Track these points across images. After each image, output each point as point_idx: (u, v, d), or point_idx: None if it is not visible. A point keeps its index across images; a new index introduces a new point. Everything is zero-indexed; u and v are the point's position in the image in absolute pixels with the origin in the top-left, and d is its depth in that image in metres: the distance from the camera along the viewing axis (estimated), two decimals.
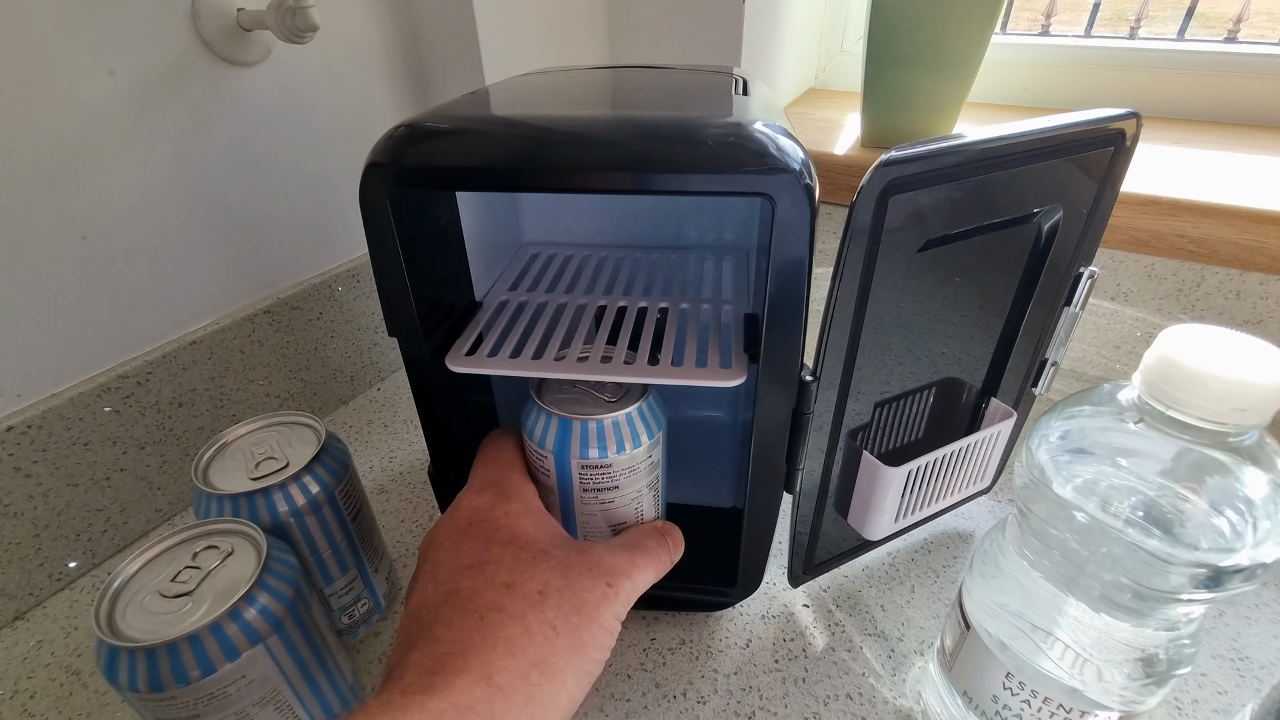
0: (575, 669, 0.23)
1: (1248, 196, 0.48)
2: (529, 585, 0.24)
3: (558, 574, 0.24)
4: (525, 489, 0.28)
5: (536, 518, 0.27)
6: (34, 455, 0.38)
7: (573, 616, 0.23)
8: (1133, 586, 0.22)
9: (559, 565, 0.25)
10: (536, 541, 0.26)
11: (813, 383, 0.28)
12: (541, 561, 0.25)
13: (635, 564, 0.27)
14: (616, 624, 0.25)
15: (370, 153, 0.25)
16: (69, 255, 0.38)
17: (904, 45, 0.55)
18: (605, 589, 0.25)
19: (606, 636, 0.25)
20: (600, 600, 0.25)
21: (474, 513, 0.27)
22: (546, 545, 0.26)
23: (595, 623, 0.24)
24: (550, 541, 0.26)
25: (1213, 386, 0.19)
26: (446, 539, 0.26)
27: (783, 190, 0.23)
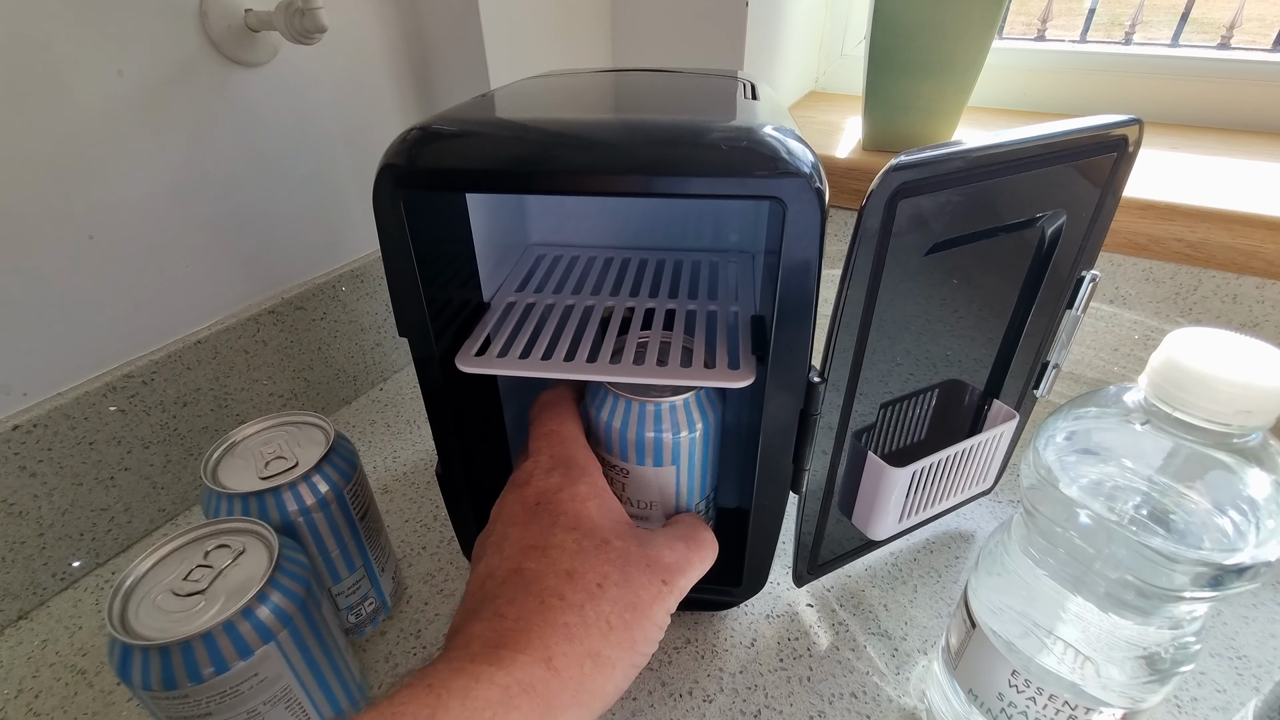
0: (624, 661, 0.24)
1: (1244, 201, 0.49)
2: (589, 576, 0.25)
3: (617, 568, 0.25)
4: (591, 468, 0.29)
5: (601, 500, 0.28)
6: (39, 454, 0.38)
7: (626, 613, 0.24)
8: (1137, 585, 0.22)
9: (619, 559, 0.26)
10: (599, 530, 0.26)
11: (820, 384, 0.29)
12: (602, 552, 0.26)
13: (690, 560, 0.28)
14: (666, 618, 0.26)
15: (384, 155, 0.26)
16: (75, 254, 0.38)
17: (905, 51, 0.55)
18: (660, 586, 0.26)
19: (656, 631, 0.26)
20: (654, 598, 0.25)
21: (543, 494, 0.28)
22: (608, 534, 0.26)
23: (647, 619, 0.25)
24: (612, 530, 0.27)
25: (1218, 389, 0.20)
26: (517, 513, 0.27)
27: (794, 193, 0.24)
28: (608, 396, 0.32)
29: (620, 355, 0.32)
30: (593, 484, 0.28)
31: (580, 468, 0.29)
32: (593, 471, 0.29)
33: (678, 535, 0.29)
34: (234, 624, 0.24)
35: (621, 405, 0.32)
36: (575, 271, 0.40)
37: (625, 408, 0.32)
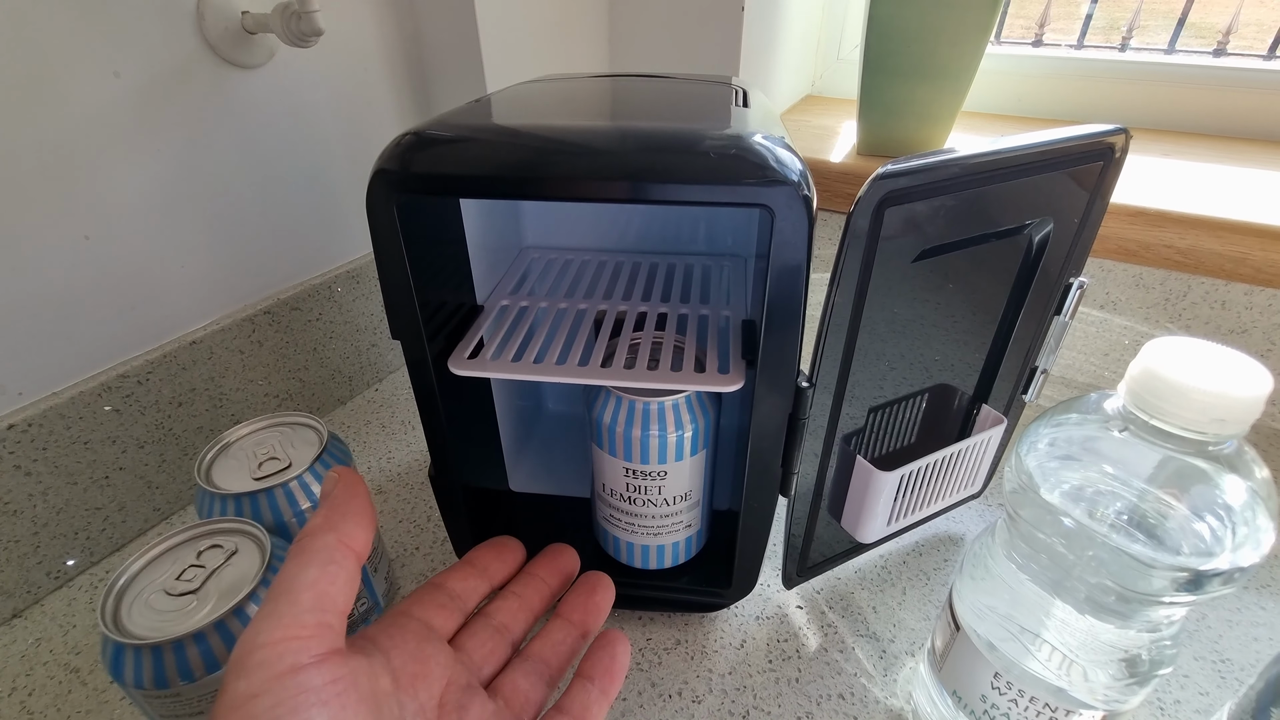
0: None
1: (1233, 208, 0.50)
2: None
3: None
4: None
5: None
6: (34, 453, 0.38)
7: None
8: (1117, 589, 0.23)
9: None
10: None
11: (809, 388, 0.29)
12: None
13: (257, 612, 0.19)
14: (258, 699, 0.17)
15: (377, 160, 0.26)
16: (71, 254, 0.38)
17: (900, 56, 0.56)
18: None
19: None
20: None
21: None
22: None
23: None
24: None
25: (1194, 398, 0.20)
26: None
27: (781, 201, 0.24)
28: (606, 395, 0.33)
29: (612, 359, 0.32)
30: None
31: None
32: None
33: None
34: (226, 624, 0.25)
35: (613, 402, 0.32)
36: (568, 275, 0.40)
37: (616, 405, 0.32)
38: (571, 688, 0.26)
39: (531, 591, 0.29)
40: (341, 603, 0.20)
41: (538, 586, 0.29)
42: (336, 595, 0.20)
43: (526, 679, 0.26)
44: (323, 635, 0.19)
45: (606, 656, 0.26)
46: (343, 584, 0.21)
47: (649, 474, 0.33)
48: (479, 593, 0.28)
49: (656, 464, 0.33)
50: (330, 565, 0.21)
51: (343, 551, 0.21)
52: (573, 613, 0.28)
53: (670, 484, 0.34)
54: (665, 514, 0.35)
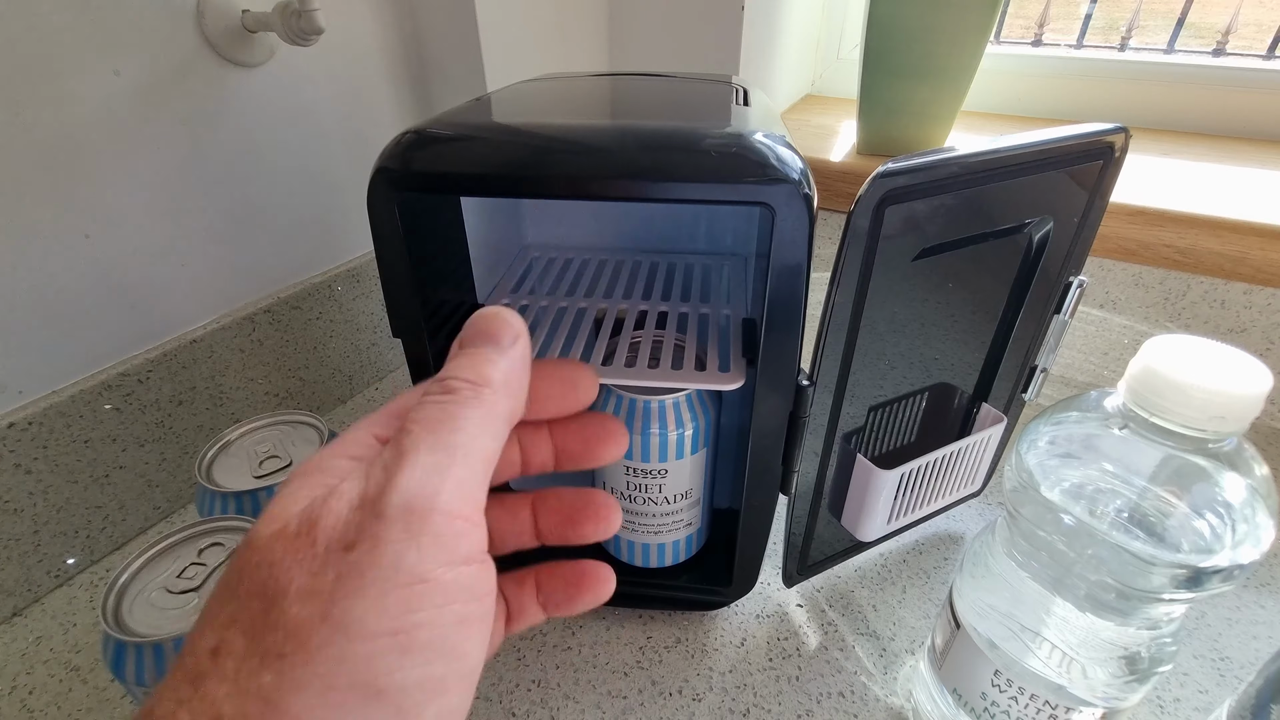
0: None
1: (1232, 208, 0.50)
2: (200, 644, 0.13)
3: (253, 588, 0.13)
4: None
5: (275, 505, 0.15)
6: (35, 452, 0.38)
7: (264, 673, 0.13)
8: (1117, 586, 0.23)
9: (257, 568, 0.14)
10: (254, 532, 0.14)
11: (809, 387, 0.29)
12: (233, 574, 0.14)
13: (410, 458, 0.14)
14: (428, 585, 0.14)
15: (378, 158, 0.26)
16: (72, 253, 0.38)
17: (900, 55, 0.56)
18: (341, 558, 0.13)
19: (390, 637, 0.13)
20: (335, 588, 0.13)
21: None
22: (261, 530, 0.14)
23: (324, 649, 0.13)
24: (277, 515, 0.14)
25: (1194, 395, 0.20)
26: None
27: (782, 200, 0.24)
28: (607, 394, 0.33)
29: (613, 358, 0.32)
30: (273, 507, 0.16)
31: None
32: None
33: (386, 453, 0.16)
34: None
35: (614, 400, 0.32)
36: (569, 274, 0.40)
37: (617, 403, 0.32)
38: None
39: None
40: (488, 480, 0.16)
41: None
42: (491, 471, 0.16)
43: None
44: (482, 529, 0.15)
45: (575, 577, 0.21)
46: (496, 457, 0.16)
47: (649, 472, 0.33)
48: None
49: (657, 462, 0.33)
50: (497, 441, 0.16)
51: (504, 429, 0.16)
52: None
53: (671, 482, 0.34)
54: (666, 512, 0.35)
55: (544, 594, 0.21)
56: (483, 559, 0.15)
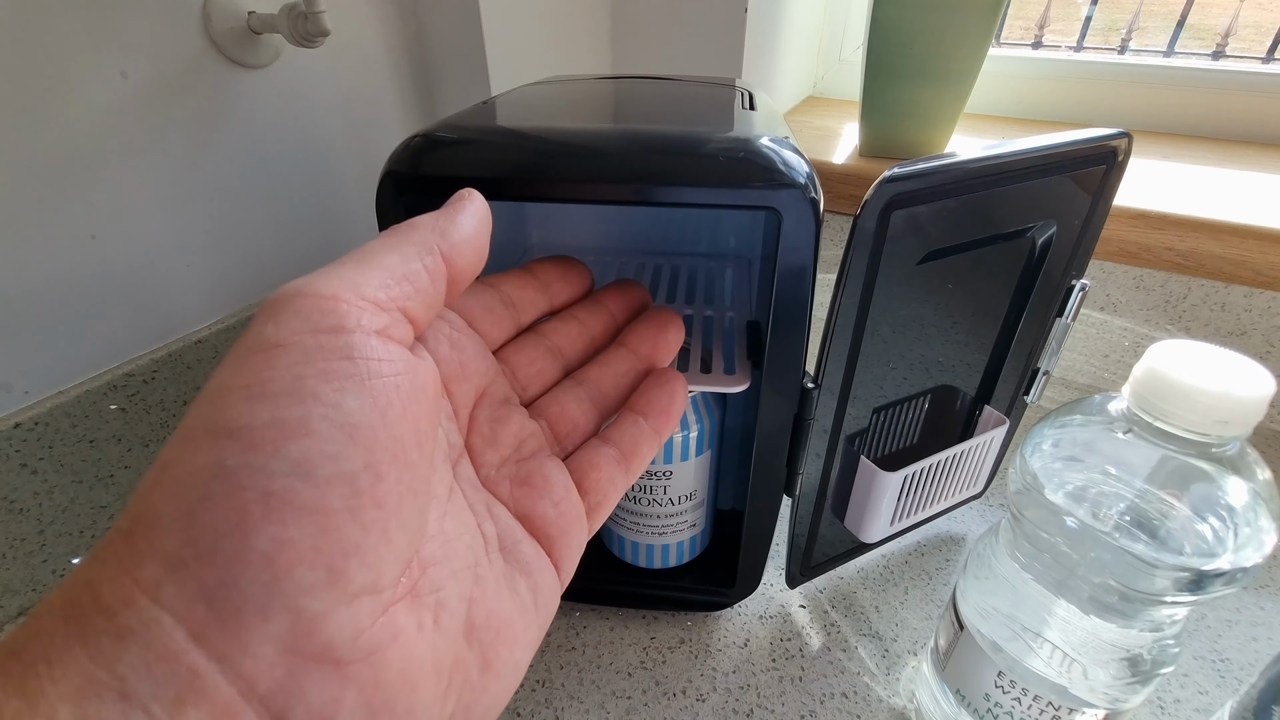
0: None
1: (1233, 211, 0.50)
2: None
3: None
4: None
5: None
6: (40, 452, 0.38)
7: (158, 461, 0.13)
8: (1120, 589, 0.23)
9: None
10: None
11: (814, 389, 0.29)
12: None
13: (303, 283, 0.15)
14: (283, 349, 0.14)
15: (387, 161, 0.26)
16: (77, 253, 0.38)
17: (902, 58, 0.56)
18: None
19: (242, 389, 0.13)
20: (210, 376, 0.14)
21: None
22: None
23: (192, 409, 0.13)
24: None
25: (1197, 399, 0.20)
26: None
27: (789, 204, 0.24)
28: None
29: None
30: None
31: None
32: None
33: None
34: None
35: None
36: None
37: None
38: (621, 420, 0.22)
39: (595, 320, 0.24)
40: (417, 310, 0.16)
41: (603, 317, 0.25)
42: (413, 296, 0.16)
43: (578, 404, 0.22)
44: (384, 316, 0.15)
45: (665, 395, 0.23)
46: (424, 289, 0.16)
47: (654, 474, 0.33)
48: (537, 307, 0.23)
49: (662, 464, 0.33)
50: (416, 262, 0.16)
51: (436, 258, 0.17)
52: (640, 344, 0.24)
53: (675, 484, 0.34)
54: (670, 514, 0.35)
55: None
56: (367, 330, 0.14)
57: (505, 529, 0.18)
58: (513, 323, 0.22)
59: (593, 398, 0.22)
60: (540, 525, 0.18)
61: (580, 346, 0.24)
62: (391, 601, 0.14)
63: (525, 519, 0.18)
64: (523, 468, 0.19)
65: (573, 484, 0.20)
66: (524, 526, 0.18)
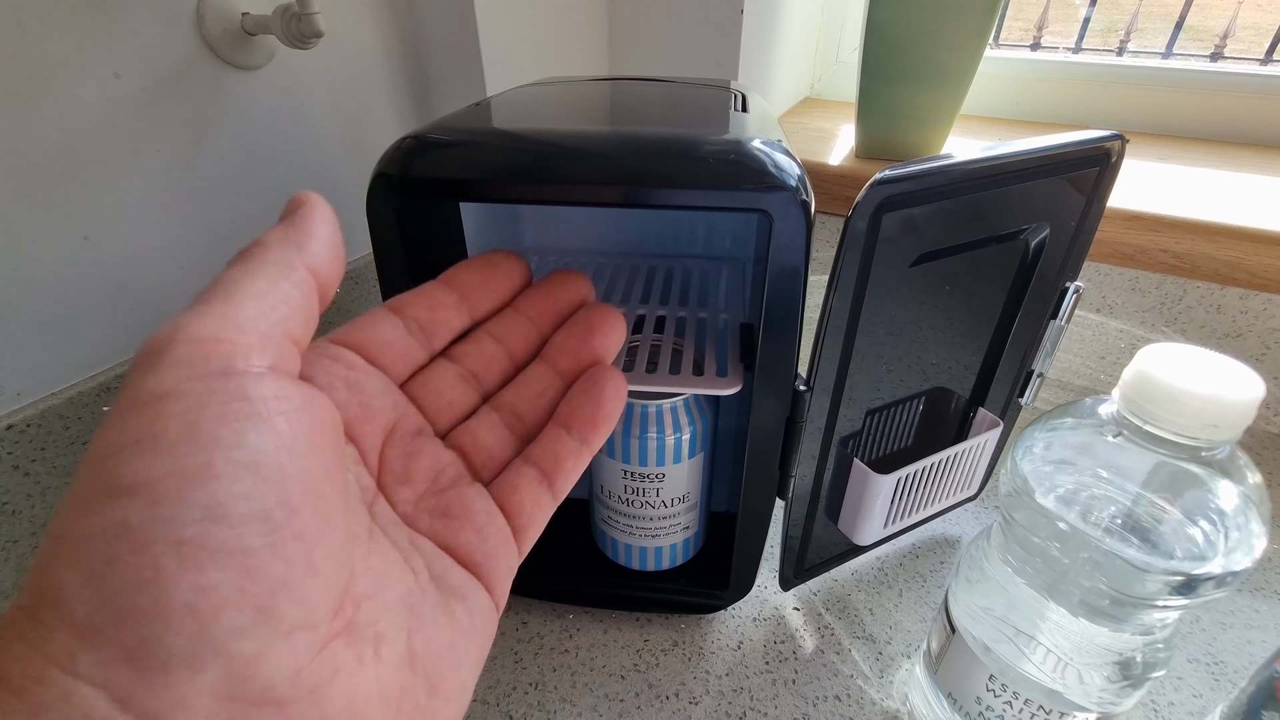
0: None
1: (1228, 213, 0.50)
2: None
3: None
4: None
5: None
6: (33, 454, 0.38)
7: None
8: (1111, 593, 0.23)
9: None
10: None
11: (806, 392, 0.29)
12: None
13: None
14: (168, 400, 0.13)
15: (378, 163, 0.26)
16: (71, 255, 0.38)
17: (898, 60, 0.56)
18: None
19: (133, 444, 0.13)
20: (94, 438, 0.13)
21: None
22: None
23: (84, 465, 0.13)
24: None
25: (1186, 403, 0.20)
26: None
27: (780, 207, 0.24)
28: None
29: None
30: None
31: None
32: None
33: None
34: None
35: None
36: None
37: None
38: (543, 435, 0.20)
39: (513, 334, 0.22)
40: (298, 331, 0.15)
41: (523, 328, 0.22)
42: (290, 318, 0.15)
43: (492, 432, 0.20)
44: (270, 349, 0.14)
45: (589, 402, 0.20)
46: (299, 309, 0.15)
47: (647, 476, 0.33)
48: (451, 327, 0.21)
49: (655, 466, 0.33)
50: (284, 283, 0.15)
51: (302, 273, 0.16)
52: (559, 358, 0.21)
53: (668, 486, 0.34)
54: (663, 516, 0.35)
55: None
56: (258, 368, 0.14)
57: (432, 560, 0.17)
58: (423, 350, 0.20)
59: (508, 423, 0.20)
60: (466, 554, 0.18)
61: (498, 368, 0.21)
62: (329, 637, 0.13)
63: (450, 550, 0.18)
64: (441, 499, 0.18)
65: (496, 509, 0.19)
66: (451, 556, 0.18)
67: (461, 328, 0.21)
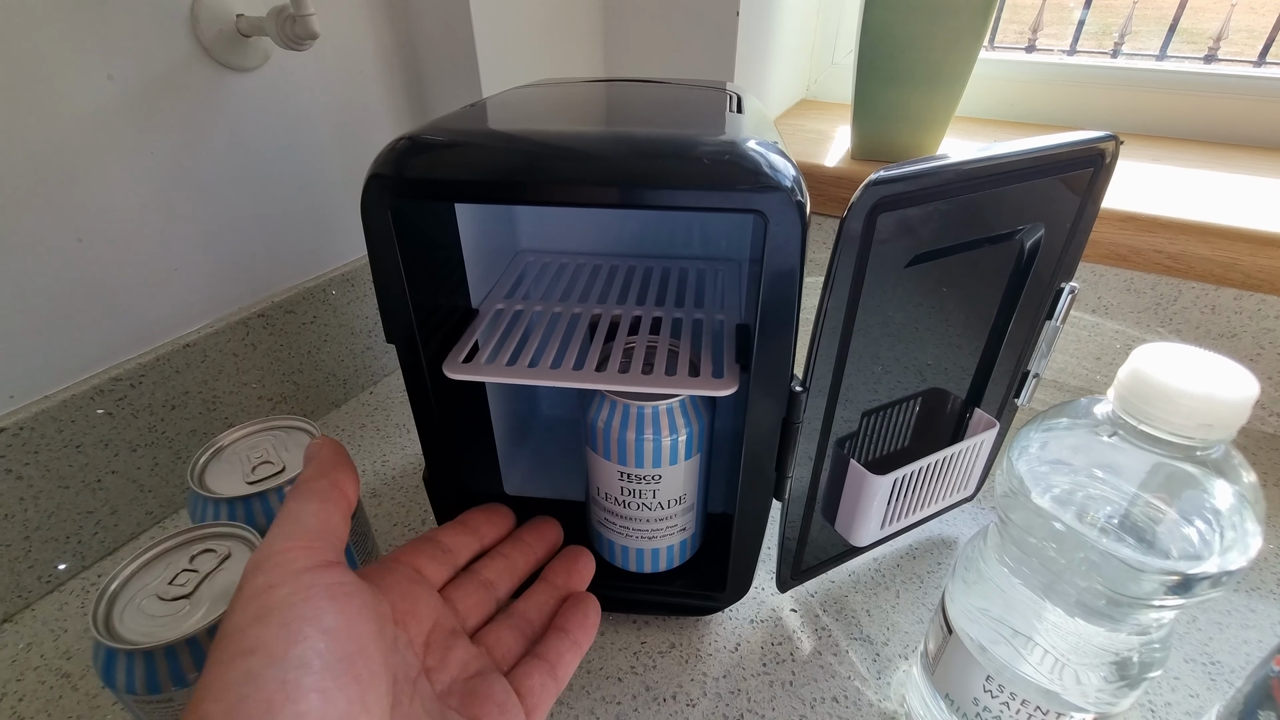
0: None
1: (1223, 214, 0.50)
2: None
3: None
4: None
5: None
6: (25, 457, 0.38)
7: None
8: (1107, 593, 0.23)
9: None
10: None
11: (802, 393, 0.29)
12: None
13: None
14: (277, 589, 0.20)
15: (372, 164, 0.26)
16: (64, 257, 0.38)
17: (893, 61, 0.56)
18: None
19: (255, 622, 0.19)
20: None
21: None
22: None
23: (218, 655, 0.19)
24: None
25: (1181, 403, 0.20)
26: None
27: (775, 207, 0.24)
28: (600, 399, 0.33)
29: (606, 363, 0.32)
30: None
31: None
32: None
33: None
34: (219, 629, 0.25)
35: (607, 405, 0.32)
36: (564, 278, 0.40)
37: (610, 408, 0.32)
38: (548, 637, 0.28)
39: (518, 554, 0.31)
40: (341, 533, 0.23)
41: (524, 551, 0.31)
42: (336, 525, 0.23)
43: (509, 632, 0.28)
44: (328, 549, 0.22)
45: (580, 613, 0.29)
46: (339, 518, 0.23)
47: (643, 477, 0.33)
48: (469, 549, 0.30)
49: (650, 467, 0.33)
50: (328, 502, 0.23)
51: (337, 493, 0.24)
52: (556, 577, 0.31)
53: (664, 487, 0.34)
54: (659, 517, 0.35)
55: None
56: (325, 565, 0.21)
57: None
58: (451, 565, 0.29)
59: (520, 627, 0.28)
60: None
61: (508, 579, 0.30)
62: None
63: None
64: (469, 684, 0.25)
65: (512, 693, 0.25)
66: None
67: (477, 550, 0.31)
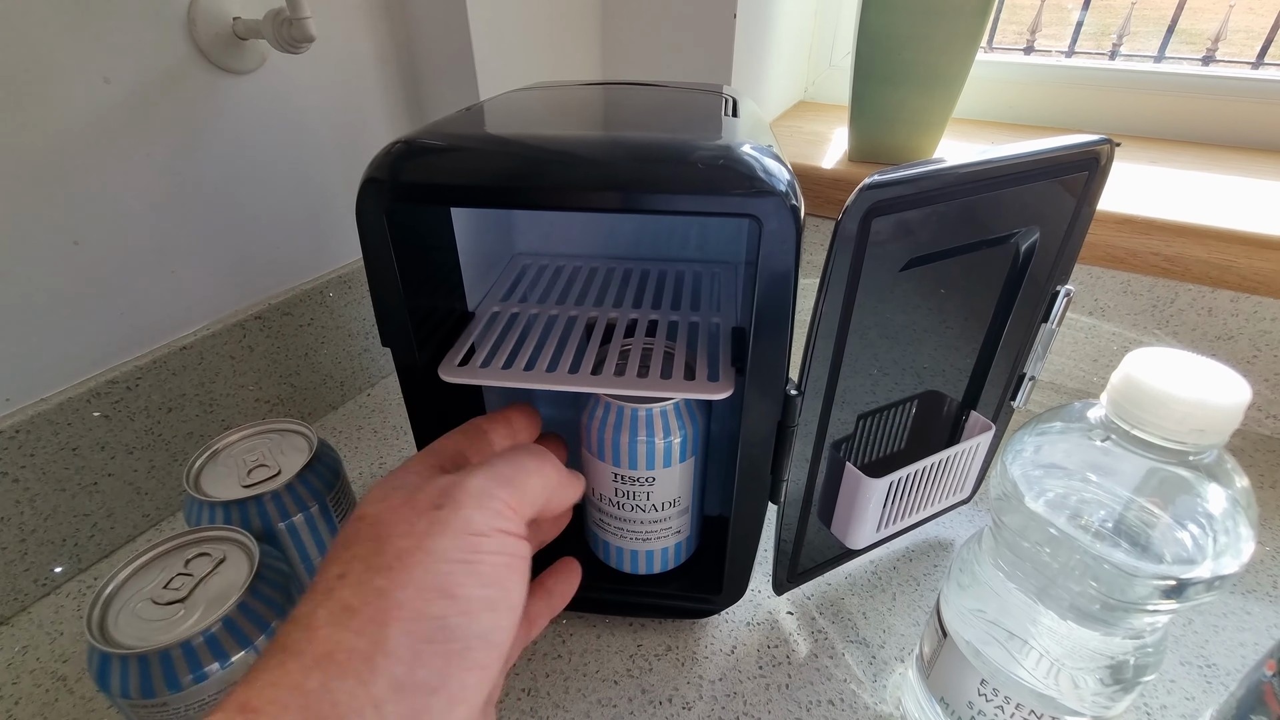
0: (411, 631, 0.18)
1: (1219, 216, 0.50)
2: (329, 574, 0.19)
3: (367, 537, 0.20)
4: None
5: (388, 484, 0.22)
6: (22, 460, 0.38)
7: (378, 579, 0.19)
8: (1101, 597, 0.23)
9: (370, 525, 0.20)
10: (363, 509, 0.21)
11: (797, 396, 0.29)
12: (350, 533, 0.20)
13: (485, 471, 0.22)
14: (487, 538, 0.20)
15: (367, 168, 0.26)
16: (61, 260, 0.38)
17: (890, 63, 0.56)
18: (432, 514, 0.20)
19: (461, 563, 0.19)
20: (426, 531, 0.20)
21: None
22: (369, 507, 0.21)
23: (419, 565, 0.19)
24: (380, 498, 0.21)
25: (1173, 408, 0.20)
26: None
27: (769, 212, 0.24)
28: (596, 401, 0.33)
29: (602, 366, 0.32)
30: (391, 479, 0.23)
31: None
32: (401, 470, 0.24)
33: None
34: (213, 632, 0.25)
35: (602, 408, 0.32)
36: (560, 281, 0.40)
37: (605, 411, 0.32)
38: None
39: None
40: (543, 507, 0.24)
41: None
42: (528, 505, 0.23)
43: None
44: (522, 520, 0.22)
45: (564, 571, 0.31)
46: (535, 510, 0.24)
47: (638, 479, 0.33)
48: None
49: (645, 470, 0.33)
50: (542, 490, 0.23)
51: (550, 468, 0.24)
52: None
53: (659, 490, 0.34)
54: (654, 519, 0.35)
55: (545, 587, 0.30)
56: (521, 535, 0.22)
57: None
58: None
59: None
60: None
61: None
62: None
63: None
64: None
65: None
66: None
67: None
